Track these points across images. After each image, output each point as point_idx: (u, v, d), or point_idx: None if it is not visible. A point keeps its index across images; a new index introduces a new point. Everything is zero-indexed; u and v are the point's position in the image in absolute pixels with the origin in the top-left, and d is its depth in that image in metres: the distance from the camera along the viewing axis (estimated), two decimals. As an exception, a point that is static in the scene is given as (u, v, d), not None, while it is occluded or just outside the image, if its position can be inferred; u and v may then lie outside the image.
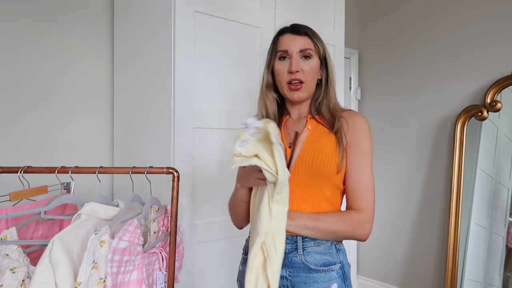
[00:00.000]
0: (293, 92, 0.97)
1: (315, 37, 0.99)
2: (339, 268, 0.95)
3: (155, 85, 1.48)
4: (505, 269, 1.95)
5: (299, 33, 0.97)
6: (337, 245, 0.98)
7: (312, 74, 0.98)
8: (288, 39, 0.97)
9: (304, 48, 0.96)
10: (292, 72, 0.95)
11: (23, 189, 1.07)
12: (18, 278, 0.92)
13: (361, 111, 2.71)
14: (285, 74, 0.97)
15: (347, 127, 0.97)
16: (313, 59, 0.98)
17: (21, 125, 1.55)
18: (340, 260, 0.96)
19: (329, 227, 0.91)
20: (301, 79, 0.96)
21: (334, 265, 0.95)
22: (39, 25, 1.59)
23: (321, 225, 0.90)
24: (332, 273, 0.94)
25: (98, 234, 0.94)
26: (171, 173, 1.15)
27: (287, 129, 1.03)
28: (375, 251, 2.60)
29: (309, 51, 0.97)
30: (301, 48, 0.96)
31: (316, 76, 1.00)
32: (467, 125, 2.08)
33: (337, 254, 0.97)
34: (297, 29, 0.98)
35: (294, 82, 0.97)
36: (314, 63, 0.98)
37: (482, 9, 2.08)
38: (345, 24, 1.99)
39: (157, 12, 1.46)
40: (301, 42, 0.97)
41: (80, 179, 1.20)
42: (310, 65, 0.97)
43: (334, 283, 0.94)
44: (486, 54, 2.07)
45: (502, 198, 1.98)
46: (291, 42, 0.97)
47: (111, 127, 1.80)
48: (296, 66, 0.95)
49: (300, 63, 0.96)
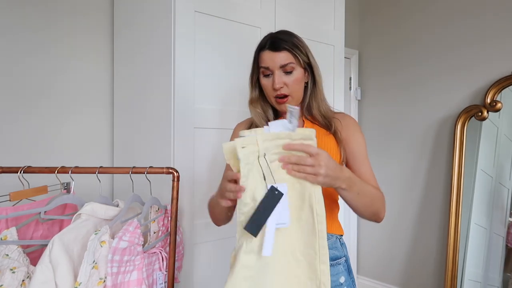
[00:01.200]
0: (281, 105, 1.00)
1: (296, 49, 0.97)
2: (344, 261, 1.01)
3: (155, 85, 1.48)
4: (505, 269, 1.95)
5: (278, 49, 0.97)
6: (340, 240, 1.03)
7: (296, 85, 0.99)
8: (267, 56, 0.97)
9: (284, 64, 0.96)
10: (276, 89, 0.97)
11: (23, 189, 1.07)
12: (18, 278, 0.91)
13: (361, 111, 2.71)
14: (271, 90, 0.99)
15: (341, 126, 1.01)
16: (296, 71, 0.98)
17: (21, 125, 1.55)
18: (344, 254, 1.02)
19: (374, 196, 0.92)
20: (285, 93, 0.98)
21: (340, 259, 1.00)
22: (36, 21, 1.58)
23: (372, 191, 0.92)
24: (339, 266, 0.99)
25: (98, 234, 0.94)
26: (171, 173, 1.15)
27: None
28: (375, 251, 2.60)
29: (290, 65, 0.97)
30: (281, 64, 0.96)
31: (301, 83, 1.01)
32: (467, 125, 2.08)
33: (342, 248, 1.02)
34: (276, 45, 0.97)
35: (280, 97, 0.99)
36: (297, 74, 0.98)
37: (482, 9, 2.08)
38: (345, 24, 1.99)
39: (157, 12, 1.46)
40: (280, 58, 0.96)
41: (80, 179, 1.20)
42: (294, 77, 0.98)
43: (341, 276, 0.99)
44: (486, 54, 2.07)
45: (502, 198, 1.98)
46: (271, 58, 0.97)
47: (111, 127, 1.80)
48: (279, 83, 0.96)
49: (283, 78, 0.97)
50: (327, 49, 1.90)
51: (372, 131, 2.61)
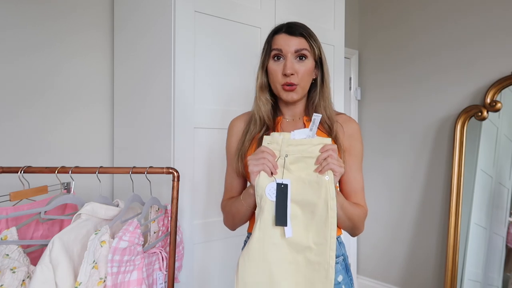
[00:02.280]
0: (287, 93, 0.96)
1: (311, 38, 0.97)
2: (342, 260, 1.00)
3: (155, 85, 1.48)
4: (505, 269, 1.95)
5: (294, 34, 0.95)
6: (338, 239, 1.02)
7: (306, 76, 0.96)
8: (283, 39, 0.95)
9: (299, 49, 0.94)
10: (286, 74, 0.94)
11: (23, 189, 1.07)
12: (18, 278, 0.92)
13: (361, 111, 2.71)
14: (279, 76, 0.95)
15: (342, 132, 0.99)
16: (308, 60, 0.96)
17: (21, 124, 1.55)
18: (342, 253, 1.01)
19: (354, 213, 0.94)
20: (295, 82, 0.95)
21: (338, 258, 0.99)
22: (35, 18, 1.58)
23: (353, 210, 0.94)
24: (337, 265, 0.98)
25: (98, 234, 0.94)
26: (171, 173, 1.15)
27: (283, 131, 1.01)
28: (375, 251, 2.60)
29: (304, 51, 0.95)
30: (296, 48, 0.94)
31: (310, 77, 0.98)
32: (467, 125, 2.08)
33: (339, 247, 1.01)
34: (293, 29, 0.96)
35: (288, 84, 0.95)
36: (309, 64, 0.96)
37: (482, 9, 2.09)
38: (345, 24, 1.99)
39: (157, 12, 1.46)
40: (296, 42, 0.95)
41: (80, 179, 1.20)
42: (305, 66, 0.95)
43: (339, 275, 0.98)
44: (486, 54, 2.07)
45: (502, 198, 1.98)
46: (286, 42, 0.95)
47: (111, 127, 1.80)
48: (291, 68, 0.93)
49: (295, 64, 0.94)
50: (327, 49, 1.88)
51: (372, 131, 2.61)
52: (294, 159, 0.86)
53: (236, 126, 1.07)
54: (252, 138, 1.00)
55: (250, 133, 1.01)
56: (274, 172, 0.84)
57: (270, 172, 0.84)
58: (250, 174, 0.85)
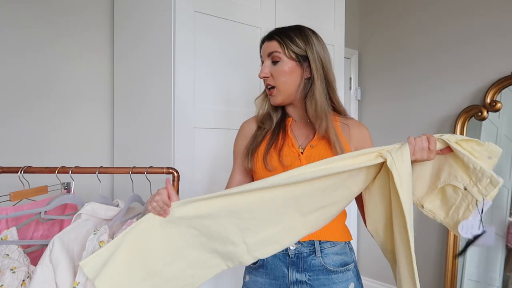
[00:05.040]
0: (270, 97, 1.00)
1: (285, 38, 0.94)
2: (353, 267, 0.99)
3: (155, 85, 1.48)
4: (505, 269, 1.95)
5: (268, 38, 0.97)
6: (349, 245, 1.01)
7: (282, 77, 0.95)
8: (263, 46, 1.00)
9: (270, 52, 0.96)
10: (260, 77, 0.98)
11: (23, 189, 1.07)
12: (18, 278, 0.91)
13: (361, 111, 2.71)
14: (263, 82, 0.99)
15: (348, 135, 0.98)
16: (282, 62, 0.95)
17: (21, 125, 1.55)
18: (353, 260, 1.00)
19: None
20: (271, 84, 0.97)
21: (349, 265, 0.97)
22: (35, 18, 1.58)
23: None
24: (349, 272, 0.97)
25: (97, 234, 0.94)
26: (171, 173, 1.15)
27: (293, 132, 1.01)
28: (375, 251, 2.60)
29: (275, 54, 0.95)
30: (268, 52, 0.96)
31: (290, 77, 0.95)
32: (467, 125, 2.08)
33: (350, 253, 1.00)
34: (269, 34, 0.98)
35: (268, 88, 0.98)
36: (282, 65, 0.95)
37: (482, 9, 2.08)
38: (345, 24, 1.99)
39: (157, 12, 1.46)
40: (268, 46, 0.97)
41: (80, 179, 1.20)
42: (279, 67, 0.95)
43: (351, 282, 0.97)
44: (485, 54, 2.07)
45: (502, 198, 1.98)
46: (263, 47, 0.99)
47: (111, 127, 1.80)
48: (262, 71, 0.97)
49: (270, 68, 0.96)
50: (327, 49, 1.90)
51: (372, 131, 2.58)
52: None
53: (248, 127, 1.08)
54: (265, 133, 1.01)
55: (262, 130, 1.03)
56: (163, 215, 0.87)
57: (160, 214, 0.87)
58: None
